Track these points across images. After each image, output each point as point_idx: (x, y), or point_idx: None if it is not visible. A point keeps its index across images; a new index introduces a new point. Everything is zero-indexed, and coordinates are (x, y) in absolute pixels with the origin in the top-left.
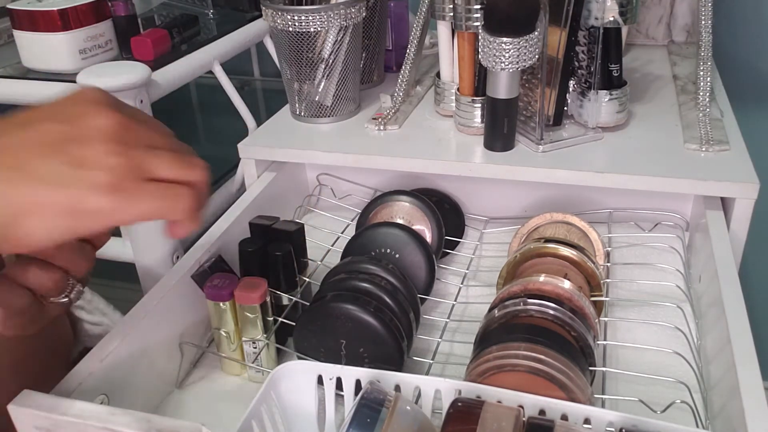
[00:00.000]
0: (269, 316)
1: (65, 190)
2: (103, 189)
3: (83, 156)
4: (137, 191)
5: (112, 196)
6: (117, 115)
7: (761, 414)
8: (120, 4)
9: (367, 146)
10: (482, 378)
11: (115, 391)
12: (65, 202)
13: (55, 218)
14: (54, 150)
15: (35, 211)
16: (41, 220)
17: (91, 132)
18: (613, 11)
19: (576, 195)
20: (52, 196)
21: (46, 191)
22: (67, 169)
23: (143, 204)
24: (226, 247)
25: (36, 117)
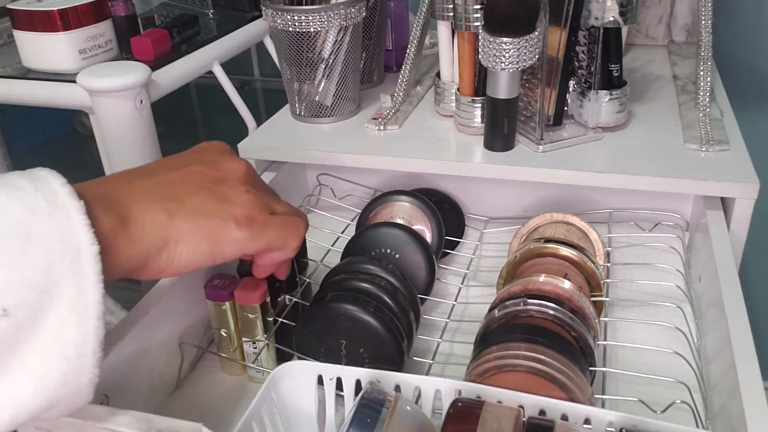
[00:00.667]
0: (269, 316)
1: (212, 220)
2: (241, 220)
3: (225, 193)
4: (267, 222)
5: (249, 226)
6: (245, 162)
7: (761, 414)
8: (120, 4)
9: (367, 146)
10: (482, 378)
11: (115, 391)
12: (212, 230)
13: (201, 244)
14: (201, 187)
15: (186, 238)
16: (189, 246)
17: (228, 174)
18: (613, 11)
19: (576, 195)
20: (202, 224)
21: (197, 220)
22: (213, 203)
23: (272, 233)
24: None
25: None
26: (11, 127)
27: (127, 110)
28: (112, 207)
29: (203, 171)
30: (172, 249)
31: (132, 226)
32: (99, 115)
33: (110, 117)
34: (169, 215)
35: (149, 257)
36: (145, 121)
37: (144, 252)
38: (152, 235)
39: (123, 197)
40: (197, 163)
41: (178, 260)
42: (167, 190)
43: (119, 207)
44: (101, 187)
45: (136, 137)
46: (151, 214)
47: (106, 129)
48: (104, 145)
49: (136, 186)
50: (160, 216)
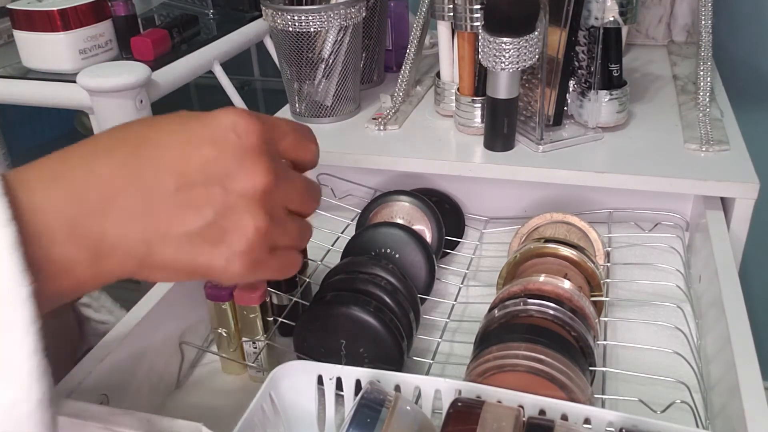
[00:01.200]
0: (269, 316)
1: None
2: (235, 258)
3: (225, 230)
4: (263, 261)
5: (240, 265)
6: (265, 177)
7: (761, 414)
8: (120, 4)
9: (367, 146)
10: (482, 378)
11: (115, 391)
12: (194, 271)
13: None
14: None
15: (159, 274)
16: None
17: (239, 200)
18: (613, 11)
19: (576, 195)
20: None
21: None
22: (205, 246)
23: (265, 272)
24: None
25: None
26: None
27: (127, 110)
28: (83, 240)
29: (208, 195)
30: (144, 275)
31: (104, 262)
32: (99, 115)
33: (110, 117)
34: (148, 248)
35: (120, 277)
36: None
37: (108, 280)
38: (123, 267)
39: (96, 225)
40: (205, 176)
41: (151, 279)
42: (155, 211)
43: (91, 240)
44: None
45: None
46: (127, 242)
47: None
48: None
49: (115, 209)
50: (138, 247)
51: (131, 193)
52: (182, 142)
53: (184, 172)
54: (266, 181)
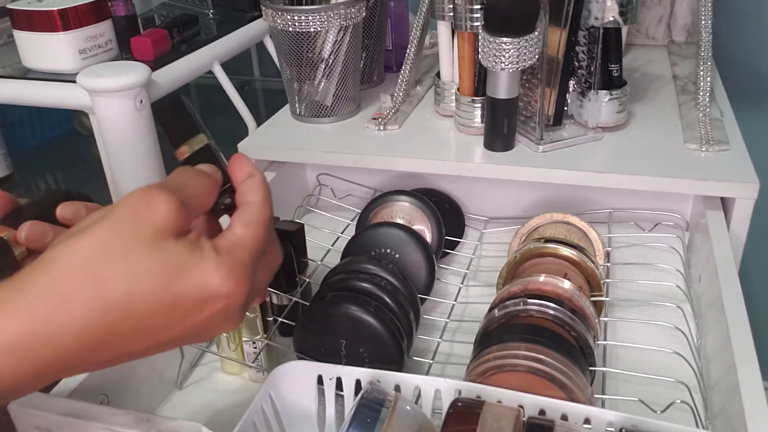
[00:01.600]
0: (269, 316)
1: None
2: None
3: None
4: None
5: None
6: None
7: (761, 414)
8: (120, 4)
9: (367, 146)
10: (482, 378)
11: (115, 391)
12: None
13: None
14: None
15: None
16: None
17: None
18: (613, 11)
19: (576, 195)
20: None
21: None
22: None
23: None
24: None
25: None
26: (11, 127)
27: (127, 110)
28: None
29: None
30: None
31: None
32: (99, 115)
33: (110, 117)
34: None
35: None
36: (145, 121)
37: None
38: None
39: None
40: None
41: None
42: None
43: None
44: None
45: (136, 137)
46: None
47: (106, 129)
48: (104, 145)
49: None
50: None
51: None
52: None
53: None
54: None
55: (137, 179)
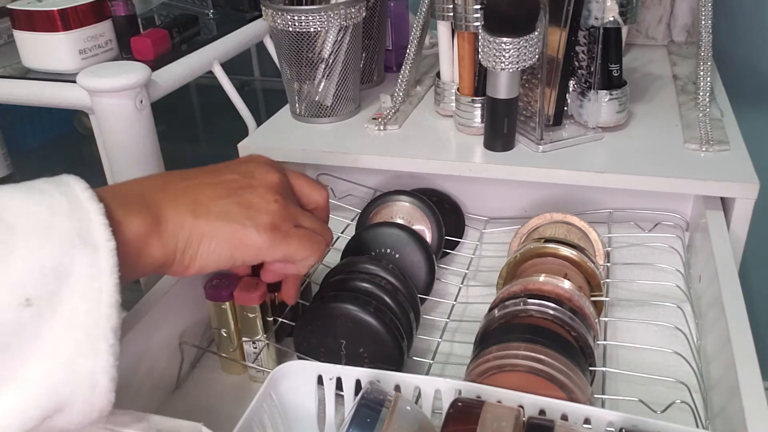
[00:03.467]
0: (269, 316)
1: (234, 224)
2: (264, 227)
3: (251, 200)
4: (289, 233)
5: (270, 234)
6: (280, 175)
7: (761, 414)
8: (120, 4)
9: (367, 146)
10: (482, 378)
11: (116, 391)
12: (233, 233)
13: (221, 245)
14: (230, 193)
15: (207, 239)
16: (210, 245)
17: (259, 183)
18: (613, 11)
19: (576, 195)
20: (223, 227)
21: (219, 223)
22: (238, 209)
23: (292, 244)
24: None
25: (220, 168)
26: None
27: (127, 110)
28: (147, 207)
29: (236, 179)
30: (194, 248)
31: (162, 226)
32: (99, 115)
33: (110, 117)
34: (195, 216)
35: (175, 255)
36: (145, 121)
37: (171, 250)
38: (179, 233)
39: (157, 198)
40: (233, 172)
41: (200, 259)
42: (197, 193)
43: (154, 208)
44: (139, 186)
45: (136, 137)
46: (179, 215)
47: (106, 129)
48: (104, 145)
49: (170, 189)
50: (187, 217)
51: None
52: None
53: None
54: (278, 177)
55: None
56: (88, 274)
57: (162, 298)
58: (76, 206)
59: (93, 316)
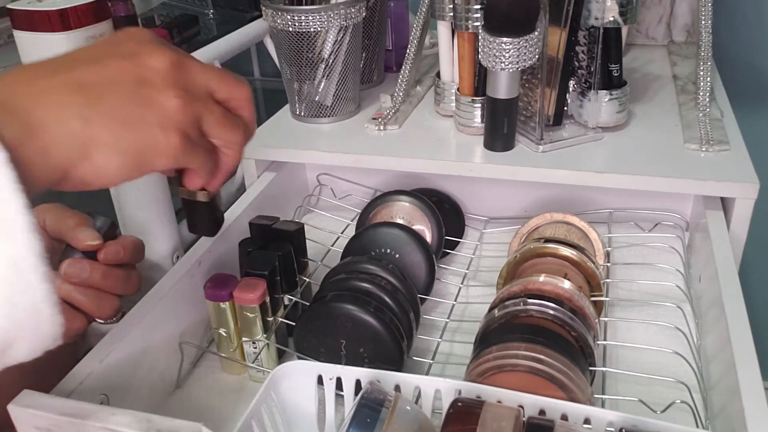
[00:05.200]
0: (269, 316)
1: (138, 130)
2: (170, 131)
3: (150, 96)
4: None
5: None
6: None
7: (761, 414)
8: (120, 4)
9: (367, 146)
10: (482, 378)
11: (115, 391)
12: (137, 140)
13: (126, 156)
14: (121, 87)
15: (108, 148)
16: (112, 156)
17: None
18: (613, 11)
19: (576, 195)
20: (126, 133)
21: (119, 128)
22: (136, 109)
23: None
24: (227, 247)
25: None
26: None
27: None
28: (14, 115)
29: (121, 66)
30: (93, 160)
31: (41, 137)
32: None
33: None
34: (85, 122)
35: (69, 169)
36: None
37: (60, 164)
38: (67, 144)
39: (26, 103)
40: (114, 56)
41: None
42: (80, 91)
43: (23, 114)
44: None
45: None
46: (63, 121)
47: None
48: None
49: (42, 87)
50: (75, 123)
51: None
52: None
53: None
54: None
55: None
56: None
57: (162, 298)
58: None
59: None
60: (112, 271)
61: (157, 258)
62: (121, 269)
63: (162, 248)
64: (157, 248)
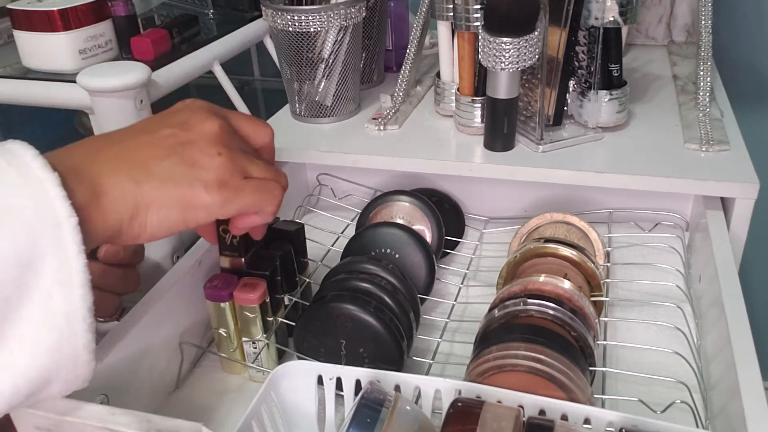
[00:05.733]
0: (269, 316)
1: (181, 187)
2: (212, 185)
3: (194, 157)
4: (240, 186)
5: (220, 191)
6: (220, 121)
7: (761, 414)
8: (120, 4)
9: (367, 146)
10: (482, 378)
11: (115, 391)
12: (181, 197)
13: (171, 211)
14: (170, 152)
15: (155, 206)
16: (159, 213)
17: (199, 136)
18: (613, 11)
19: (576, 195)
20: (171, 191)
21: (165, 188)
22: (182, 168)
23: (245, 197)
24: None
25: (153, 124)
26: (11, 127)
27: (127, 110)
28: (82, 180)
29: (173, 134)
30: (143, 217)
31: (103, 198)
32: (99, 115)
33: (110, 117)
34: (137, 183)
35: (122, 226)
36: None
37: (117, 222)
38: (122, 204)
39: (91, 169)
40: (167, 125)
41: (150, 227)
42: (135, 156)
43: (89, 179)
44: (69, 158)
45: None
46: (119, 183)
47: (106, 129)
48: None
49: (103, 155)
50: (128, 185)
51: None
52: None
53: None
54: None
55: None
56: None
57: (162, 298)
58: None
59: (69, 300)
60: (111, 270)
61: (157, 258)
62: (120, 268)
63: (162, 248)
64: (157, 248)
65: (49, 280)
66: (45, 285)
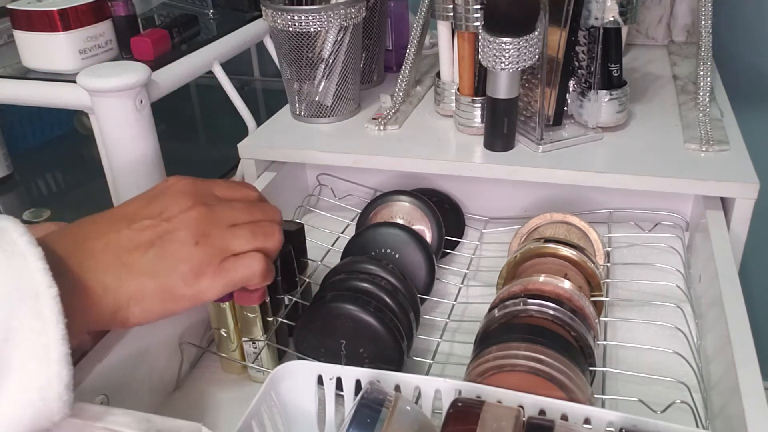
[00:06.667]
0: (269, 316)
1: (160, 280)
2: (189, 276)
3: (172, 249)
4: (218, 272)
5: (197, 281)
6: (198, 207)
7: (761, 414)
8: (120, 4)
9: (367, 146)
10: (482, 378)
11: (115, 391)
12: (159, 289)
13: (152, 303)
14: (149, 245)
15: (135, 299)
16: (141, 305)
17: (179, 225)
18: (613, 11)
19: (576, 195)
20: (150, 285)
21: (144, 282)
22: (161, 262)
23: (224, 281)
24: None
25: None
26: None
27: (127, 110)
28: (64, 276)
29: (153, 225)
30: (124, 311)
31: (84, 297)
32: (99, 115)
33: (110, 117)
34: (118, 280)
35: (105, 321)
36: (145, 121)
37: (97, 317)
38: (103, 302)
39: (75, 265)
40: (148, 216)
41: (134, 318)
42: (116, 251)
43: (70, 276)
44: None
45: (136, 137)
46: (102, 281)
47: (106, 129)
48: (104, 145)
49: (88, 248)
50: (111, 282)
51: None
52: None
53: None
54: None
55: (137, 179)
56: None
57: None
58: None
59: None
60: None
61: None
62: None
63: None
64: None
65: (25, 354)
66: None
